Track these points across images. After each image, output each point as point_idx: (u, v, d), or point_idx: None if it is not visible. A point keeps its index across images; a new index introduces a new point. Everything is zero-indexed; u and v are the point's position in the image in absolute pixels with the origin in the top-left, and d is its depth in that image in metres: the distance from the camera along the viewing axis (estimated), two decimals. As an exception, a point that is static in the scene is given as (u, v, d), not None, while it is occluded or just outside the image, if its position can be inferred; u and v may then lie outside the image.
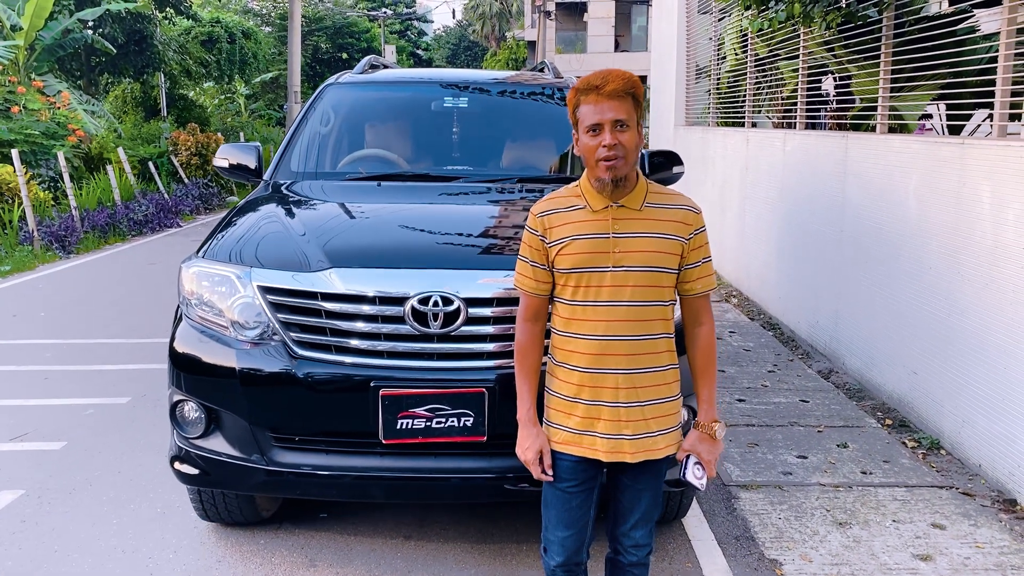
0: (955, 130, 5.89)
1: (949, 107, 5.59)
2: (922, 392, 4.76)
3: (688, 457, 2.41)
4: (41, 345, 6.73)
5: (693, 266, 2.37)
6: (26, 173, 11.97)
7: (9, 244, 11.15)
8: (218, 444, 3.12)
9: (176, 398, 3.18)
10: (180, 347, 3.19)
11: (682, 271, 2.36)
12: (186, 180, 17.51)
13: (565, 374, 2.35)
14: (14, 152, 11.42)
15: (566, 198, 2.36)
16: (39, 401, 5.40)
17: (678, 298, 2.42)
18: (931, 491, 4.03)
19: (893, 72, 5.47)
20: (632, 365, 2.30)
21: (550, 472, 2.38)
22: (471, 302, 2.92)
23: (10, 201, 11.80)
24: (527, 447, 2.39)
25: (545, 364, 2.45)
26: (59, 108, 14.99)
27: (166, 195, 15.67)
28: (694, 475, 2.39)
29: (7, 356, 6.44)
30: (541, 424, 2.42)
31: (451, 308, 2.91)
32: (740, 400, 5.29)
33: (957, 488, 4.06)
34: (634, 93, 2.24)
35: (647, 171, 4.40)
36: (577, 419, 2.34)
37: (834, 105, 6.99)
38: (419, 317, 2.92)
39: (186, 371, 3.15)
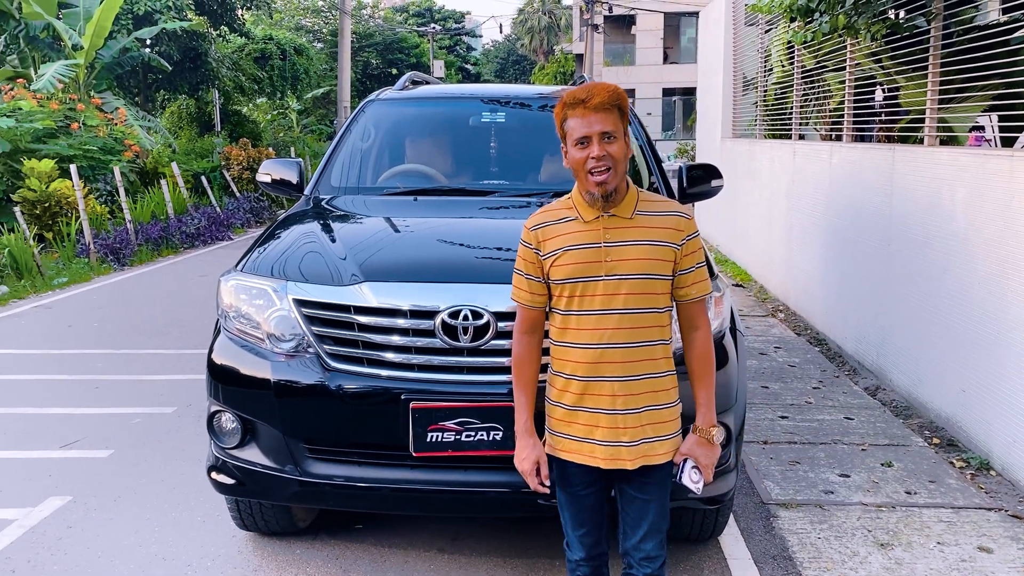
0: (1009, 142, 5.75)
1: (1002, 118, 5.45)
2: (971, 411, 4.63)
3: (685, 461, 2.43)
4: (93, 355, 6.91)
5: (687, 271, 2.40)
6: (84, 187, 12.34)
7: (67, 256, 11.49)
8: (253, 455, 3.17)
9: (213, 409, 3.25)
10: (218, 359, 3.25)
11: (676, 277, 2.39)
12: (238, 194, 17.87)
13: (564, 383, 2.40)
14: (73, 167, 11.79)
15: (558, 210, 2.42)
16: (89, 410, 5.54)
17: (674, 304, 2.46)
18: (979, 513, 3.91)
19: (942, 83, 5.36)
20: (628, 372, 2.33)
21: (547, 482, 2.43)
22: (501, 316, 2.93)
23: (68, 215, 12.16)
24: (524, 458, 2.45)
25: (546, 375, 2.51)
26: (116, 124, 15.43)
27: (218, 209, 16.00)
28: (690, 479, 2.41)
29: (62, 366, 6.63)
30: (540, 435, 2.48)
31: (481, 322, 2.92)
32: (783, 417, 5.20)
33: (1006, 510, 3.93)
34: (620, 105, 2.30)
35: (686, 185, 4.37)
36: (579, 427, 2.39)
37: (882, 117, 6.87)
38: (449, 331, 2.93)
39: (223, 382, 3.22)
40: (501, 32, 54.51)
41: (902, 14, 5.83)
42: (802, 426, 5.04)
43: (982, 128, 6.96)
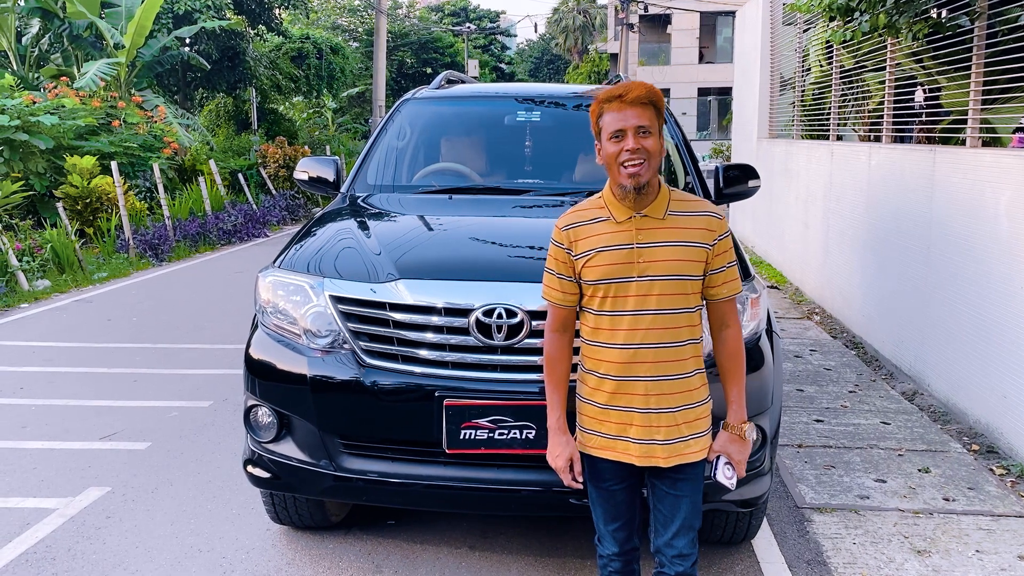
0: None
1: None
2: (1012, 417, 4.55)
3: (718, 458, 2.46)
4: (132, 349, 7.03)
5: (718, 271, 2.41)
6: (124, 184, 12.55)
7: (107, 251, 11.70)
8: (289, 449, 3.21)
9: (250, 403, 3.29)
10: (255, 354, 3.29)
11: (707, 276, 2.40)
12: (274, 192, 18.06)
13: (597, 382, 2.41)
14: (113, 164, 12.00)
15: (589, 210, 2.43)
16: (128, 402, 5.63)
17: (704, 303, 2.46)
18: (1019, 521, 3.84)
19: (985, 84, 5.27)
20: (660, 372, 2.35)
21: (580, 479, 2.46)
22: (535, 315, 2.93)
23: (108, 210, 12.37)
24: (557, 455, 2.47)
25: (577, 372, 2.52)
26: (156, 122, 15.67)
27: (254, 206, 16.18)
28: (724, 475, 2.44)
29: (101, 359, 6.74)
30: (572, 432, 2.50)
31: (515, 320, 2.93)
32: (818, 420, 5.15)
33: (1048, 519, 3.86)
34: (655, 103, 2.31)
35: (722, 184, 4.34)
36: (611, 425, 2.40)
37: (923, 118, 6.76)
38: (483, 329, 2.94)
39: (260, 377, 3.26)
40: (536, 31, 54.43)
41: (944, 13, 5.74)
42: (837, 430, 4.98)
43: (1026, 130, 6.83)
